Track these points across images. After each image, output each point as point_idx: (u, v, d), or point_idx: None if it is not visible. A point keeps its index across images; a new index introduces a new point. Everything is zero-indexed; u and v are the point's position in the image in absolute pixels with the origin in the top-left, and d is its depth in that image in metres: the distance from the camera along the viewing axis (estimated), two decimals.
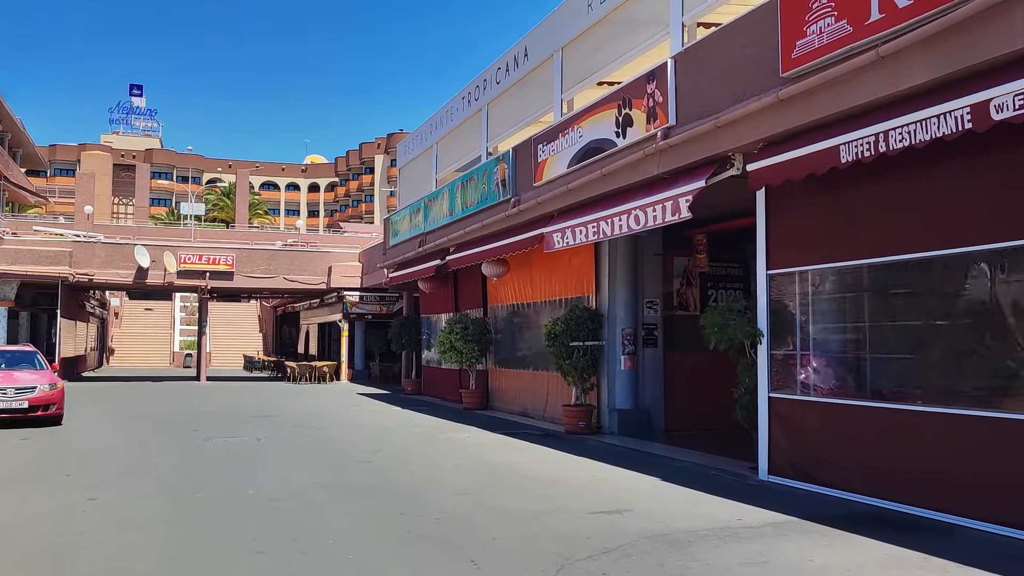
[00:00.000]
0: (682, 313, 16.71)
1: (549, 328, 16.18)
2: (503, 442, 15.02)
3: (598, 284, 16.33)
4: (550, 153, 15.66)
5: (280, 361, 42.45)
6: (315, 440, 15.34)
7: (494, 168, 18.34)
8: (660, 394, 16.29)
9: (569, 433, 15.85)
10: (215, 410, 21.85)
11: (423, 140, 24.65)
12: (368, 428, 17.52)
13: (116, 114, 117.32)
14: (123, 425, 18.15)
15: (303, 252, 37.77)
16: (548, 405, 18.34)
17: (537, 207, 16.22)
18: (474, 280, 22.68)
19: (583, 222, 14.42)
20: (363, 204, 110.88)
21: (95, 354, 50.47)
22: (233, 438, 15.42)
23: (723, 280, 17.06)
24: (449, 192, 21.39)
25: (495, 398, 21.49)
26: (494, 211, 18.39)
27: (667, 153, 12.00)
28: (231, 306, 63.46)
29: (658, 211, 12.12)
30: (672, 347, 16.55)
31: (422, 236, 23.78)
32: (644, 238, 16.21)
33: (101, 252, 34.22)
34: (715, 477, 11.09)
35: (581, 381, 15.87)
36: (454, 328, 21.38)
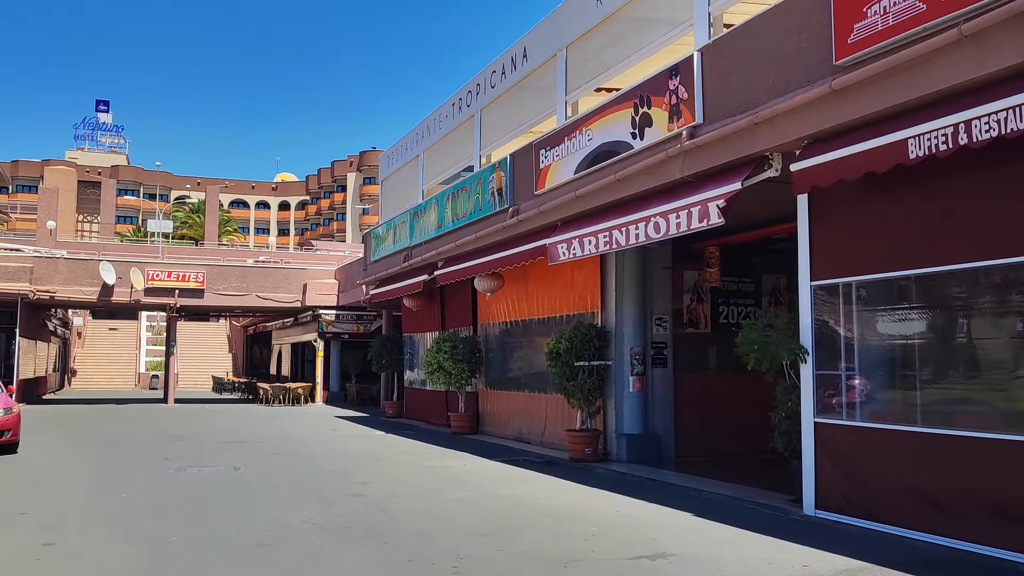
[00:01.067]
0: (692, 331, 15.67)
1: (552, 346, 15.05)
2: (504, 471, 13.82)
3: (604, 299, 15.24)
4: (554, 159, 14.59)
5: (252, 382, 40.84)
6: (298, 469, 14.04)
7: (489, 177, 17.24)
8: (670, 418, 15.20)
9: (574, 460, 14.68)
10: (186, 435, 20.41)
11: (408, 150, 23.51)
12: (354, 455, 16.23)
13: (81, 130, 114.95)
14: (86, 453, 16.70)
15: (277, 269, 36.36)
16: (547, 430, 17.18)
17: (539, 217, 15.12)
18: (463, 296, 21.52)
19: (592, 232, 13.34)
20: (335, 222, 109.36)
21: (56, 375, 48.44)
22: (208, 467, 14.07)
23: (734, 296, 16.05)
24: (438, 204, 20.25)
25: (486, 422, 20.28)
26: (489, 222, 17.27)
27: (693, 154, 10.96)
28: (199, 326, 61.65)
29: (682, 217, 11.07)
30: (682, 367, 15.47)
31: (407, 250, 22.59)
32: (653, 251, 15.17)
33: (64, 268, 32.60)
34: (752, 512, 9.97)
35: (587, 404, 14.73)
36: (442, 347, 20.17)
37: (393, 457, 15.88)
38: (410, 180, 23.48)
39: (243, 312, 40.76)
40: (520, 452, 16.43)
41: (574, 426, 15.83)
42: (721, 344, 15.96)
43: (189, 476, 13.10)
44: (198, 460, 15.17)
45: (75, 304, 36.27)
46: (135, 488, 11.84)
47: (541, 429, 17.38)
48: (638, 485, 12.21)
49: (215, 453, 16.43)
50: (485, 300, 20.32)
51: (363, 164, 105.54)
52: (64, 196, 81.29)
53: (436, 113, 21.33)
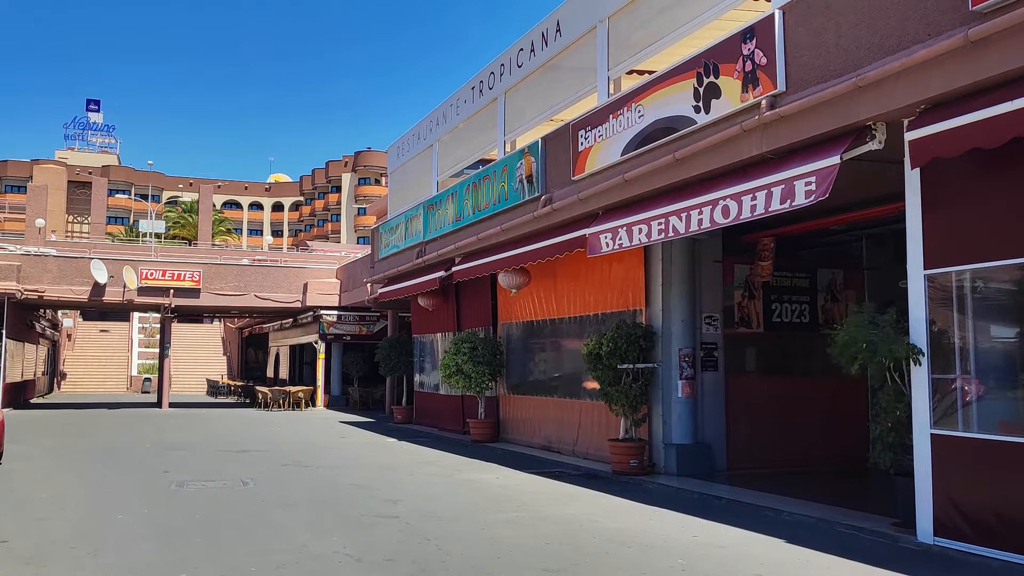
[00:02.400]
0: (744, 330, 14.30)
1: (592, 348, 13.67)
2: (544, 486, 12.42)
3: (649, 296, 13.87)
4: (596, 140, 13.21)
5: (249, 386, 39.31)
6: (314, 484, 12.62)
7: (517, 163, 15.85)
8: (721, 426, 13.82)
9: (617, 473, 13.29)
10: (184, 443, 18.95)
11: (420, 139, 22.09)
12: (371, 466, 14.81)
13: (72, 129, 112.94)
14: (76, 465, 15.23)
15: (276, 268, 34.88)
16: (580, 438, 15.78)
17: (577, 205, 13.74)
18: (482, 294, 20.12)
19: (643, 219, 11.96)
20: (329, 224, 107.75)
21: (45, 379, 46.80)
22: (213, 482, 12.63)
23: (788, 292, 14.69)
24: (456, 195, 18.84)
25: (508, 429, 18.87)
26: (517, 213, 15.87)
27: (774, 127, 9.59)
28: (193, 327, 60.08)
29: (759, 199, 9.71)
30: (733, 370, 14.10)
31: (420, 246, 21.17)
32: (702, 243, 13.82)
33: (53, 267, 31.07)
34: (854, 538, 8.60)
35: (632, 411, 13.35)
36: (461, 348, 18.76)
37: (414, 468, 14.46)
38: (423, 171, 22.06)
39: (240, 313, 39.27)
40: (553, 463, 15.04)
41: (612, 434, 14.48)
42: (774, 345, 14.62)
43: (193, 493, 11.66)
44: (201, 473, 13.73)
45: (65, 304, 34.71)
46: (133, 508, 10.40)
47: (573, 438, 15.98)
48: (701, 503, 10.83)
49: (218, 464, 14.99)
50: (507, 298, 18.93)
51: (358, 164, 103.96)
52: (54, 195, 79.63)
53: (453, 98, 19.92)
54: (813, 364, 14.97)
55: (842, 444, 14.43)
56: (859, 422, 14.79)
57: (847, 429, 14.58)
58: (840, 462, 14.15)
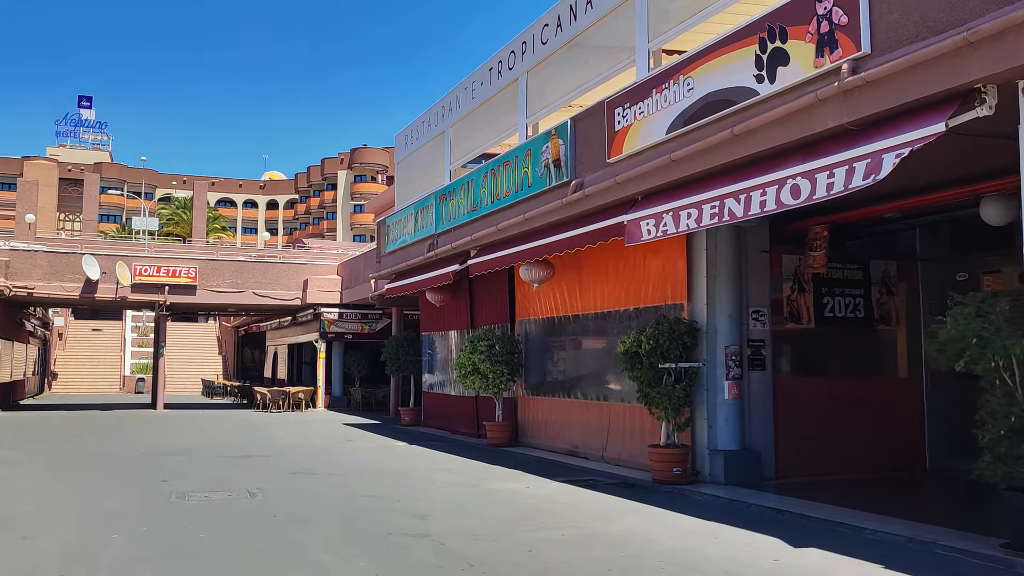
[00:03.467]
0: (793, 326, 13.19)
1: (629, 345, 12.54)
2: (582, 497, 11.29)
3: (692, 289, 12.74)
4: (636, 118, 12.08)
5: (247, 386, 38.10)
6: (328, 495, 11.47)
7: (542, 146, 14.72)
8: (769, 431, 12.70)
9: (658, 482, 12.17)
10: (182, 448, 17.77)
11: (431, 126, 20.95)
12: (387, 474, 13.67)
13: (63, 126, 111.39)
14: (66, 473, 14.06)
15: (275, 264, 33.72)
16: (609, 443, 14.66)
17: (613, 189, 12.61)
18: (498, 289, 18.98)
19: (692, 203, 10.85)
20: (325, 222, 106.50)
21: (36, 379, 45.53)
22: (217, 493, 11.47)
23: (839, 285, 13.58)
24: (472, 183, 17.70)
25: (527, 432, 17.73)
26: (542, 200, 14.74)
27: (857, 94, 8.47)
28: (187, 326, 58.86)
29: (838, 176, 8.60)
30: (781, 370, 13.00)
31: (432, 238, 20.02)
32: (749, 231, 12.71)
33: (43, 262, 29.84)
34: (959, 562, 7.48)
35: (675, 415, 12.22)
36: (477, 346, 17.61)
37: (433, 476, 13.32)
38: (434, 160, 20.92)
39: (238, 311, 38.05)
40: (582, 470, 13.91)
41: (647, 439, 13.39)
42: (825, 342, 13.53)
43: (196, 506, 10.49)
44: (203, 482, 12.57)
45: (55, 302, 33.47)
46: (129, 524, 9.24)
47: (602, 443, 14.86)
48: (763, 518, 9.72)
49: (221, 472, 13.83)
50: (526, 293, 17.80)
51: (355, 161, 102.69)
52: (45, 192, 78.16)
53: (467, 82, 18.78)
54: (866, 363, 13.95)
55: (896, 450, 13.39)
56: (914, 425, 13.76)
57: (901, 433, 13.54)
58: (894, 469, 13.09)
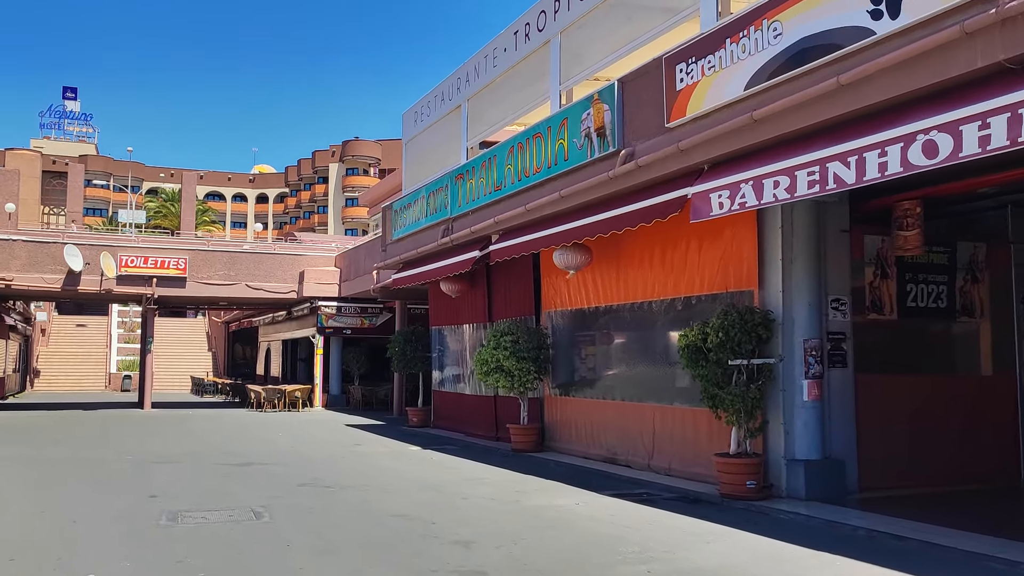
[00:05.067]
0: (876, 317, 11.53)
1: (692, 338, 10.84)
2: (646, 517, 9.60)
3: (763, 274, 11.06)
4: (704, 73, 10.39)
5: (239, 384, 36.29)
6: (347, 514, 9.73)
7: (582, 115, 13.01)
8: (851, 437, 11.04)
9: (728, 497, 10.48)
10: (173, 454, 16.00)
11: (444, 100, 19.20)
12: (408, 486, 11.94)
13: (48, 118, 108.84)
14: (40, 485, 12.28)
15: (270, 255, 31.86)
16: (656, 450, 12.98)
17: (674, 158, 10.92)
18: (521, 278, 17.27)
19: (780, 169, 9.17)
20: (316, 215, 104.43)
21: (17, 376, 43.58)
22: (215, 512, 9.72)
23: (923, 270, 11.92)
24: (495, 160, 15.97)
25: (555, 436, 16.03)
26: (582, 174, 13.04)
27: (1022, 23, 6.80)
28: (176, 321, 56.98)
29: (997, 128, 6.94)
30: (863, 367, 11.31)
31: (447, 223, 18.28)
32: (828, 207, 11.04)
33: (22, 252, 27.93)
34: None
35: (748, 418, 10.55)
36: (501, 342, 15.89)
37: (464, 489, 11.61)
38: (448, 137, 19.18)
39: (230, 304, 36.18)
40: (629, 481, 12.24)
41: (703, 446, 11.78)
42: (910, 335, 11.87)
43: (190, 530, 8.75)
44: (197, 497, 10.82)
45: (35, 294, 31.55)
46: (110, 557, 7.50)
47: (646, 450, 13.18)
48: (880, 545, 8.05)
49: (218, 484, 12.08)
50: (553, 283, 16.10)
51: (346, 154, 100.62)
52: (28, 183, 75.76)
53: (487, 49, 17.04)
54: (949, 359, 12.35)
55: (988, 458, 11.77)
56: (1006, 430, 12.15)
57: (993, 439, 11.92)
58: (988, 481, 11.46)
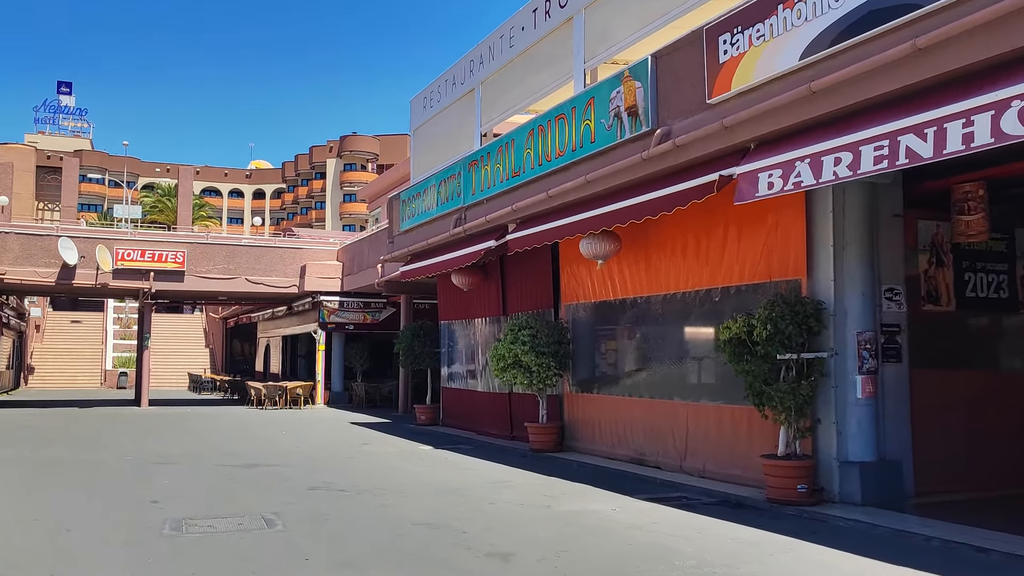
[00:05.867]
0: (932, 308, 10.74)
1: (736, 331, 10.04)
2: (697, 526, 8.81)
3: (812, 261, 10.27)
4: (752, 44, 9.57)
5: (238, 381, 35.45)
6: (367, 523, 8.92)
7: (610, 93, 12.19)
8: (906, 437, 10.25)
9: (776, 502, 9.70)
10: (174, 454, 15.18)
11: (456, 84, 18.38)
12: (428, 490, 11.13)
13: (42, 113, 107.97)
14: (34, 490, 11.44)
15: (270, 248, 31.01)
16: (689, 451, 12.18)
17: (717, 136, 10.11)
18: (538, 269, 16.46)
19: (841, 145, 8.37)
20: (313, 211, 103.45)
21: (11, 373, 42.71)
22: (223, 520, 8.90)
23: (981, 258, 11.14)
24: (512, 144, 15.15)
25: (576, 435, 15.23)
26: (611, 156, 12.23)
27: None
28: (172, 317, 56.09)
29: None
30: (919, 362, 10.52)
31: (459, 212, 17.46)
32: (883, 189, 10.25)
33: (15, 245, 27.05)
34: None
35: (798, 417, 9.76)
36: (519, 336, 15.07)
37: (488, 493, 10.81)
38: (460, 123, 18.37)
39: (230, 299, 35.31)
40: (663, 484, 11.45)
41: (741, 446, 11.05)
42: (968, 328, 11.11)
43: (197, 541, 7.93)
44: (203, 503, 10.00)
45: (29, 289, 30.68)
46: (107, 573, 6.69)
47: (679, 450, 12.38)
48: (963, 558, 7.27)
49: (223, 487, 11.26)
50: (574, 274, 15.30)
51: (344, 149, 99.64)
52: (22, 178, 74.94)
53: (503, 28, 16.23)
54: (1012, 354, 11.56)
55: None
56: None
57: None
58: None
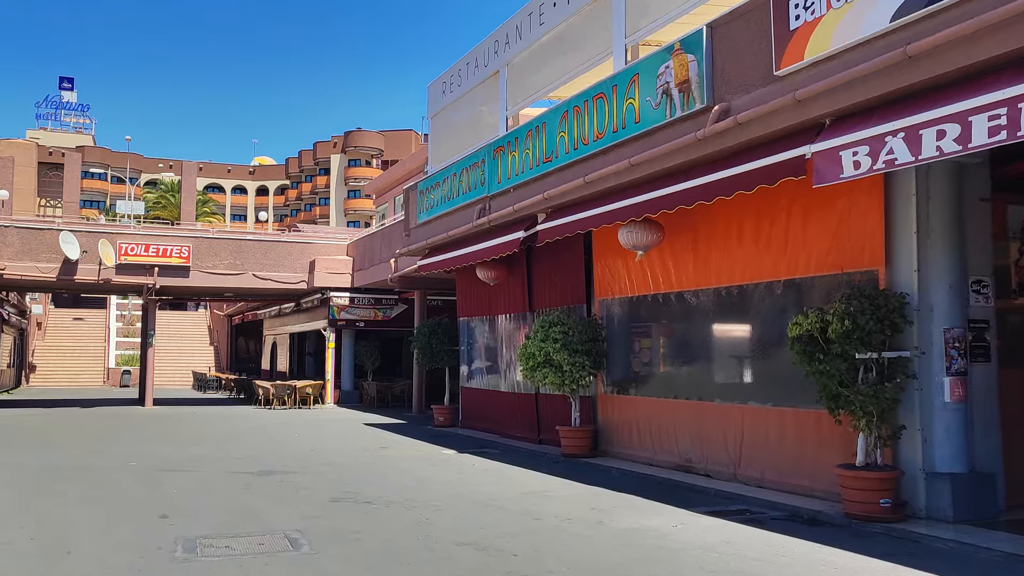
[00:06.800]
0: (1021, 302, 9.73)
1: (809, 326, 9.03)
2: (777, 546, 7.80)
3: (892, 250, 9.26)
4: (830, 6, 8.55)
5: (245, 380, 34.47)
6: (406, 543, 7.92)
7: (658, 68, 11.18)
8: (996, 446, 9.25)
9: (855, 517, 8.70)
10: (182, 459, 14.20)
11: (479, 67, 17.36)
12: (465, 501, 10.13)
13: (44, 108, 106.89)
14: (32, 502, 10.44)
15: (278, 243, 30.00)
16: (744, 458, 11.18)
17: (787, 112, 9.10)
18: (569, 262, 15.46)
19: (945, 116, 7.35)
20: (317, 208, 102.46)
21: (12, 372, 41.79)
22: (242, 539, 7.90)
23: None
24: (543, 128, 14.15)
25: (611, 439, 14.24)
26: (657, 138, 11.23)
27: None
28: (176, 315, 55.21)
29: None
30: (1009, 362, 9.52)
31: (483, 202, 16.46)
32: (970, 170, 9.24)
33: (14, 239, 26.08)
34: None
35: (880, 423, 8.76)
36: (550, 332, 14.08)
37: (530, 507, 9.81)
38: (483, 108, 17.37)
39: (237, 295, 34.29)
40: (720, 495, 10.46)
41: (808, 453, 10.11)
42: None
43: (214, 567, 6.93)
44: (217, 518, 9.01)
45: (29, 285, 29.70)
46: None
47: (732, 457, 11.38)
48: None
49: (239, 499, 10.27)
50: (609, 267, 14.30)
51: (348, 145, 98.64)
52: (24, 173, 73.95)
53: (530, 6, 15.21)
54: None
55: None
56: None
57: None
58: None
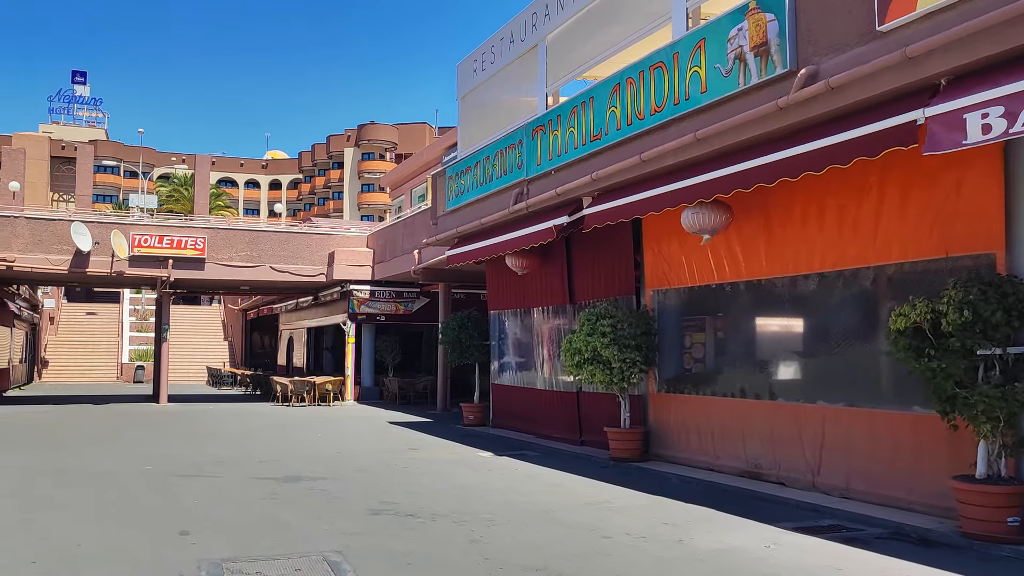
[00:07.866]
0: None
1: (917, 317, 7.88)
2: (893, 572, 6.67)
3: (1014, 231, 8.11)
4: None
5: (262, 376, 33.48)
6: (464, 566, 6.83)
7: (729, 31, 10.04)
8: None
9: (975, 537, 7.56)
10: (201, 462, 13.15)
11: (514, 43, 16.22)
12: (518, 514, 9.03)
13: (57, 103, 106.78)
14: (36, 512, 9.39)
15: (296, 234, 28.98)
16: (824, 464, 10.05)
17: (894, 71, 7.95)
18: (615, 249, 14.31)
19: None
20: (331, 201, 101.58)
21: (24, 367, 40.92)
22: (277, 563, 6.83)
23: None
24: (591, 103, 13.02)
25: (663, 441, 13.11)
26: (729, 108, 10.09)
27: None
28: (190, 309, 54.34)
29: None
30: None
31: (520, 186, 15.35)
32: None
33: (25, 231, 25.14)
34: None
35: (1007, 429, 7.61)
36: (598, 326, 12.96)
37: (592, 520, 8.71)
38: (519, 86, 16.25)
39: (253, 288, 33.26)
40: (802, 507, 9.34)
41: (904, 460, 9.03)
42: None
43: None
44: (245, 534, 7.94)
45: (40, 277, 28.74)
46: None
47: (811, 463, 10.23)
48: None
49: (266, 511, 9.20)
50: (661, 254, 13.16)
51: (362, 138, 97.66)
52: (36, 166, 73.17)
53: None
54: None
55: None
56: None
57: None
58: None
